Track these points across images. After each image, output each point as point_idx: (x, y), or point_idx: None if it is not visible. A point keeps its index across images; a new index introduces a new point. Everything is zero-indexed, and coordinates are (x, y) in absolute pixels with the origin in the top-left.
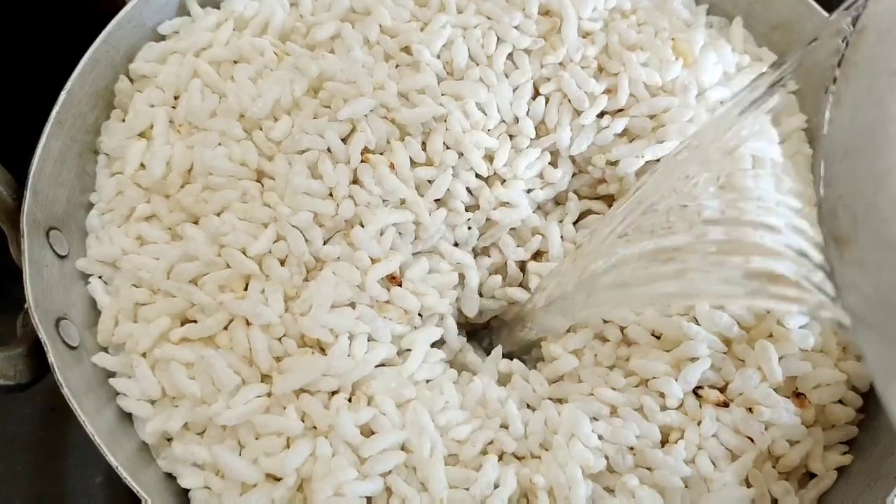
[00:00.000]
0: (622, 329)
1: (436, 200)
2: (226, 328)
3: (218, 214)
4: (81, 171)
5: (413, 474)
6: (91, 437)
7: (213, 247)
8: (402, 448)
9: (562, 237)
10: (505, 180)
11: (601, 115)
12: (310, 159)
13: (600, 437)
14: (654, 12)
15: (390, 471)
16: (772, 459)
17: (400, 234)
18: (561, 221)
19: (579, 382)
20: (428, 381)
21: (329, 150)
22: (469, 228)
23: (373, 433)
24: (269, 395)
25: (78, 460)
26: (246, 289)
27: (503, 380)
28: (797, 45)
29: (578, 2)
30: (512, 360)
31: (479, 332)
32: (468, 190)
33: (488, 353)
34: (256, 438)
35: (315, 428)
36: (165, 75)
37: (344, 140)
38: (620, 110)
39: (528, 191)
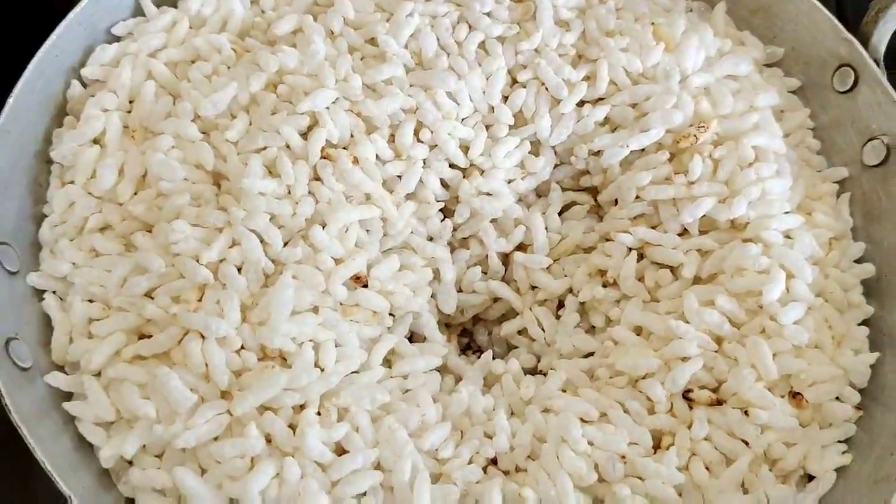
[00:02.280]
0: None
1: (407, 195)
2: (181, 342)
3: (171, 222)
4: (33, 182)
5: (391, 495)
6: (42, 465)
7: (165, 256)
8: (377, 467)
9: (546, 228)
10: (483, 170)
11: (581, 103)
12: (267, 157)
13: (590, 443)
14: None
15: (364, 493)
16: (768, 462)
17: (367, 231)
18: (544, 213)
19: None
20: (406, 391)
21: (288, 146)
22: (442, 220)
23: (344, 451)
24: (229, 412)
25: (46, 483)
26: (201, 299)
27: (490, 380)
28: (779, 29)
29: None
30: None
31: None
32: (443, 182)
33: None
34: (218, 461)
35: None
36: (119, 78)
37: (305, 136)
38: (601, 99)
39: (509, 181)
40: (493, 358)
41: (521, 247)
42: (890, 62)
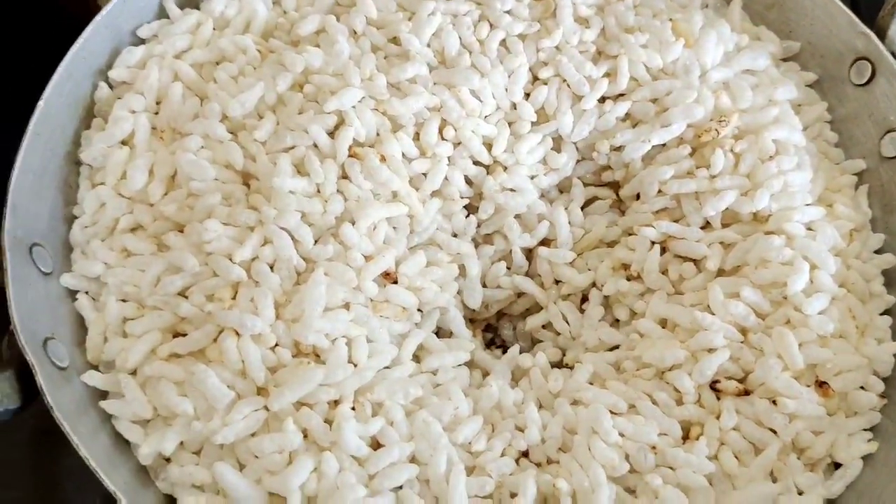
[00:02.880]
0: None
1: (432, 192)
2: (216, 340)
3: (203, 221)
4: (63, 183)
5: (427, 487)
6: (86, 462)
7: (198, 255)
8: (413, 460)
9: (569, 223)
10: (507, 167)
11: (602, 100)
12: (296, 156)
13: (621, 435)
14: None
15: (401, 486)
16: (796, 451)
17: (395, 228)
18: (567, 208)
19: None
20: (436, 385)
21: (315, 145)
22: (467, 216)
23: (380, 445)
24: (266, 408)
25: (76, 484)
26: (235, 297)
27: (517, 374)
28: (795, 24)
29: None
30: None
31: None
32: (467, 179)
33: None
34: (256, 456)
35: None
36: (146, 80)
37: (332, 135)
38: (622, 95)
39: (532, 177)
40: (520, 352)
41: (545, 242)
42: None
